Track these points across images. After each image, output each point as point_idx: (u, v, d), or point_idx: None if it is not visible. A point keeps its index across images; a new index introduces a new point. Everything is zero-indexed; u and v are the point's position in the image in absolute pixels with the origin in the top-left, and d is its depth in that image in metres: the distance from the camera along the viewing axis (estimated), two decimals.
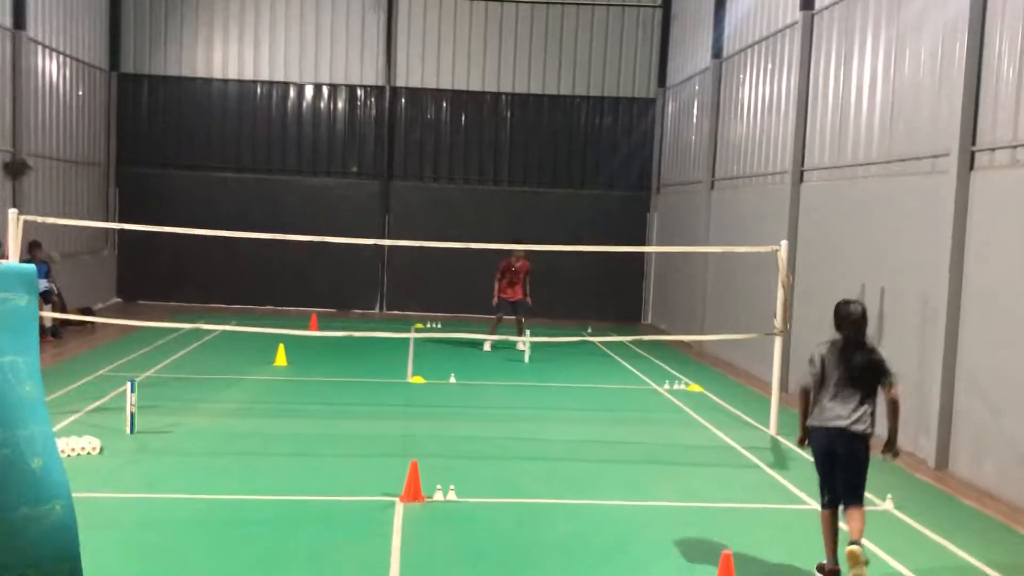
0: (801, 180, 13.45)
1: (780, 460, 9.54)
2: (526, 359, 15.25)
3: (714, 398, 12.78)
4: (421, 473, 7.89)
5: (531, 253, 19.64)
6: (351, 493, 7.86)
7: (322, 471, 8.48)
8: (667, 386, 13.45)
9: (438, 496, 7.74)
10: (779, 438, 10.53)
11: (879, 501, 8.18)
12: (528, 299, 16.40)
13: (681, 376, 14.19)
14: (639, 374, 14.38)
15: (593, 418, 11.23)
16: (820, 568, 6.52)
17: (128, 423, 9.47)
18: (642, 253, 21.83)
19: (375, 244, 21.22)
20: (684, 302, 18.93)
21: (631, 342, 16.26)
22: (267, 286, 21.49)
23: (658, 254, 21.52)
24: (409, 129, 21.74)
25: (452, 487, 7.81)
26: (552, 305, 21.12)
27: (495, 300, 16.41)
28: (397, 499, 7.69)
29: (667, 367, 15.06)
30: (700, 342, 17.26)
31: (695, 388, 13.39)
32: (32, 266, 5.00)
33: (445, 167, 21.87)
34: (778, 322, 10.71)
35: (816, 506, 8.00)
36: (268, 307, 21.47)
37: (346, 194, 21.63)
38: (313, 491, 7.86)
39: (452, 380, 13.22)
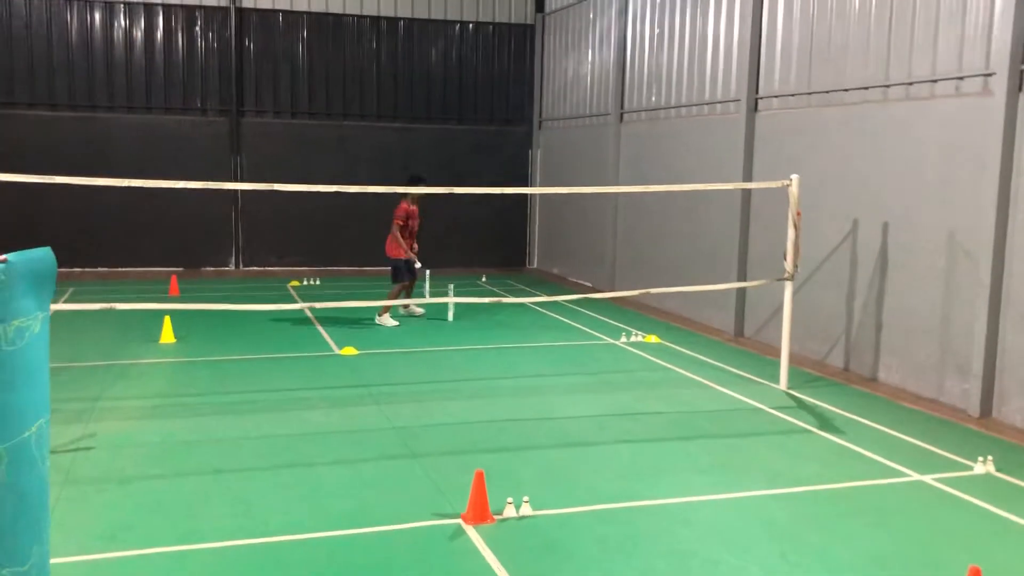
0: (756, 109, 12.40)
1: (824, 422, 8.50)
2: (450, 317, 13.51)
3: (682, 349, 11.65)
4: (455, 479, 6.21)
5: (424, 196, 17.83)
6: (396, 518, 5.99)
7: (333, 488, 6.51)
8: (624, 339, 12.19)
9: (509, 512, 6.04)
10: (795, 394, 9.52)
11: (971, 463, 7.30)
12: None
13: (624, 326, 12.97)
14: (581, 327, 13.03)
15: (585, 385, 9.76)
16: None
17: None
18: (525, 196, 20.36)
19: (225, 188, 18.57)
20: (585, 245, 17.71)
21: (570, 301, 14.82)
22: (94, 243, 18.20)
23: (543, 196, 20.15)
24: (261, 58, 18.92)
25: (526, 499, 6.13)
26: (433, 251, 19.32)
27: (405, 255, 12.91)
28: (460, 520, 5.94)
29: (599, 316, 13.81)
30: (604, 288, 16.17)
31: (652, 339, 12.21)
32: (49, 255, 2.97)
33: (304, 101, 19.28)
34: (788, 266, 9.61)
35: (918, 476, 7.05)
36: (100, 269, 18.26)
37: (188, 133, 18.62)
38: (345, 520, 5.92)
39: (391, 349, 11.33)
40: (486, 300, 10.57)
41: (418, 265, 13.09)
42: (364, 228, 19.35)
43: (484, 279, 18.07)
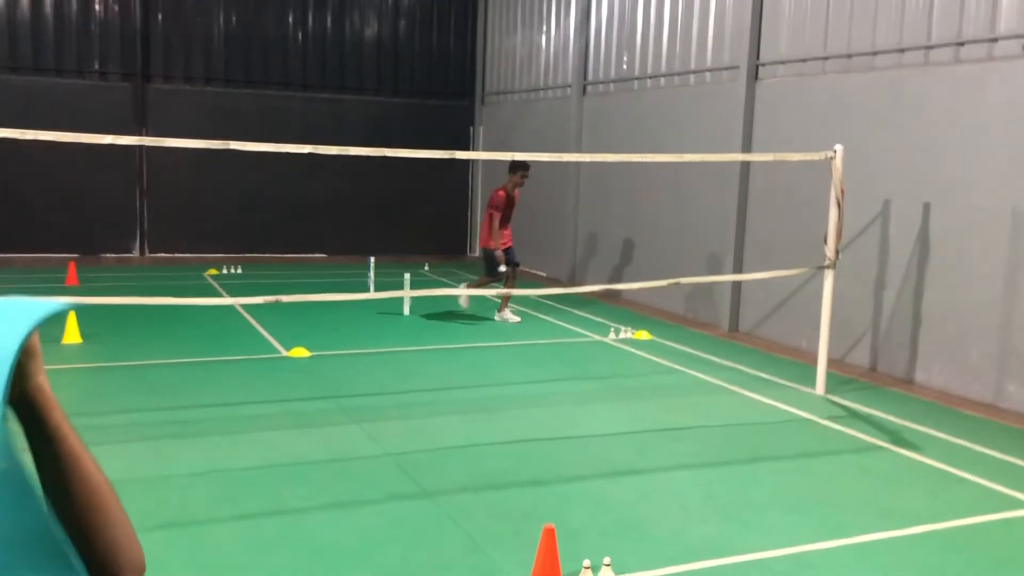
0: (757, 77, 11.08)
1: (893, 435, 7.20)
2: (406, 311, 11.79)
3: (682, 347, 10.26)
4: (491, 527, 4.67)
5: (349, 169, 16.17)
6: None
7: (338, 547, 4.77)
8: (612, 335, 10.73)
9: None
10: (837, 400, 8.22)
11: None
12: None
13: (603, 320, 11.53)
14: (556, 322, 11.49)
15: (597, 393, 8.22)
16: None
17: None
18: (467, 178, 18.70)
19: (119, 143, 16.33)
20: (538, 232, 16.16)
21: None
22: None
23: (485, 178, 18.52)
24: (171, 16, 16.64)
25: (607, 560, 4.56)
26: (364, 240, 17.52)
27: (499, 251, 11.06)
28: None
29: (570, 310, 12.29)
30: (572, 281, 14.72)
31: (642, 335, 10.79)
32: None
33: (220, 66, 17.09)
34: (829, 251, 8.29)
35: None
36: None
37: (84, 100, 16.21)
38: None
39: (348, 350, 9.57)
40: (542, 292, 8.96)
41: (502, 268, 11.09)
42: (287, 211, 17.42)
43: (427, 268, 16.35)
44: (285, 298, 6.53)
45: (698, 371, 9.16)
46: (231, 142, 6.17)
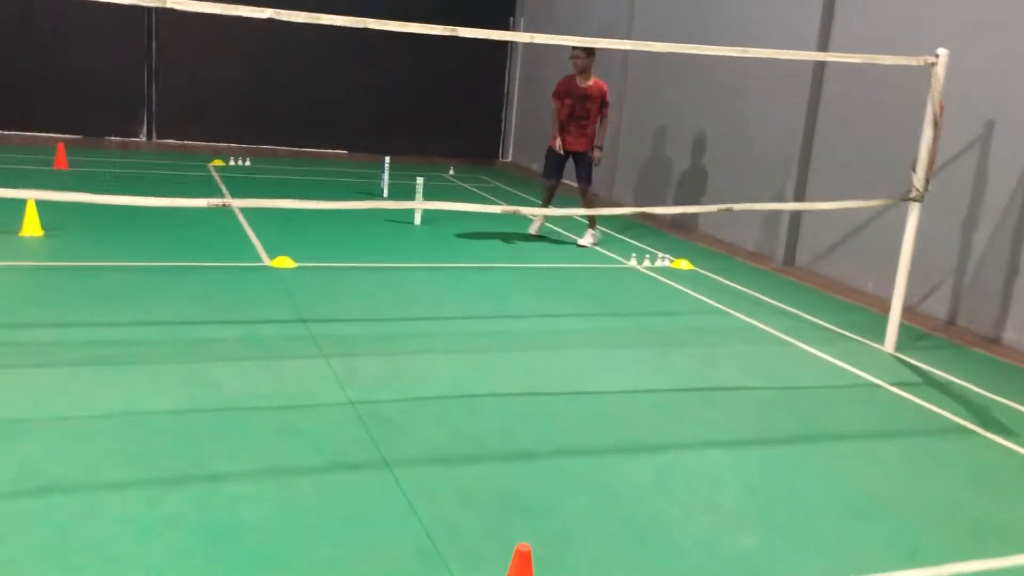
0: None
1: (978, 413, 5.83)
2: (417, 220, 10.49)
3: (727, 282, 8.89)
4: (456, 518, 3.54)
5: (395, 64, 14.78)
6: None
7: (254, 535, 3.58)
8: (647, 263, 9.38)
9: None
10: (909, 360, 6.85)
11: None
12: (596, 153, 9.79)
13: (636, 243, 10.17)
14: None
15: (619, 333, 6.92)
16: None
17: None
18: (503, 73, 17.10)
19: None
20: None
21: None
22: None
23: (523, 77, 16.91)
24: None
25: None
26: (386, 138, 16.15)
27: (555, 143, 9.86)
28: None
29: (600, 228, 10.94)
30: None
31: (682, 264, 9.42)
32: None
33: None
34: (918, 181, 6.78)
35: None
36: None
37: None
38: None
39: (341, 263, 8.34)
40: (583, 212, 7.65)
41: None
42: (307, 102, 16.08)
43: (452, 172, 15.00)
44: (236, 202, 5.25)
45: (744, 313, 7.80)
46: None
